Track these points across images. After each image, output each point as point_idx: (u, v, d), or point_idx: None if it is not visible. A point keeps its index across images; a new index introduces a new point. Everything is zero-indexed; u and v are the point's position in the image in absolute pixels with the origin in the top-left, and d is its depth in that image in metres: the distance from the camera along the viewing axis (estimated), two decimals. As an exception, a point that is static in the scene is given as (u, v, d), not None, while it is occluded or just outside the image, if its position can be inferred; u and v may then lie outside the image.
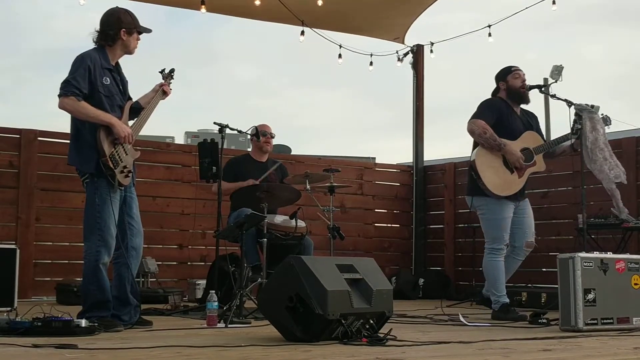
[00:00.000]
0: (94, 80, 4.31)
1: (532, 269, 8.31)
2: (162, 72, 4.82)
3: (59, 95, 4.26)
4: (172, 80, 4.82)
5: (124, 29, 4.45)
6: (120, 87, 4.51)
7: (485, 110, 5.53)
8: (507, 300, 5.48)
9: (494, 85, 5.71)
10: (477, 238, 8.54)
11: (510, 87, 5.59)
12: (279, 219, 6.04)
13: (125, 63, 4.61)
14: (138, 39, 4.55)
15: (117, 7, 4.54)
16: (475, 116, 5.51)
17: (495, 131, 5.44)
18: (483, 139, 5.44)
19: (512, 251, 5.59)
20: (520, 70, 5.62)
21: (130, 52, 4.56)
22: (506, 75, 5.61)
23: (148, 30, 4.59)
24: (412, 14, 9.10)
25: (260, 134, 6.28)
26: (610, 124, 5.43)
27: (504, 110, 5.56)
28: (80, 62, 4.31)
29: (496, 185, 5.43)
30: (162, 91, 4.74)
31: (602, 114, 5.38)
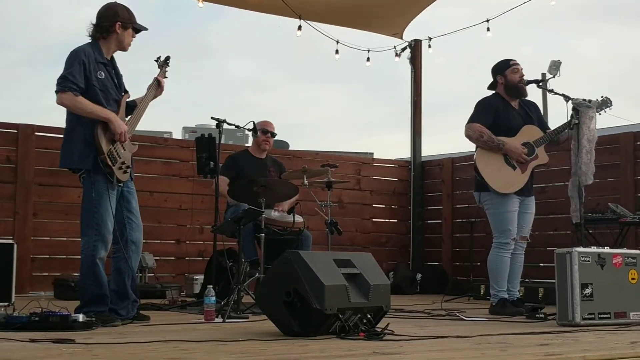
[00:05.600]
0: (88, 74, 4.30)
1: (529, 263, 8.30)
2: (157, 60, 4.80)
3: (57, 91, 4.26)
4: (167, 69, 4.79)
5: (119, 22, 4.44)
6: (115, 81, 4.51)
7: (480, 113, 5.56)
8: (506, 295, 5.50)
9: (491, 80, 5.71)
10: (475, 233, 8.56)
11: (508, 82, 5.59)
12: (276, 213, 6.04)
13: (120, 58, 4.62)
14: (133, 36, 4.55)
15: (115, 2, 4.54)
16: (471, 120, 5.54)
17: (493, 129, 5.46)
18: (481, 142, 5.48)
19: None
20: (518, 64, 5.62)
21: (123, 48, 4.54)
22: (505, 69, 5.61)
23: (144, 28, 4.59)
24: (413, 11, 9.09)
25: (261, 131, 6.27)
26: (612, 105, 5.42)
27: (500, 107, 5.57)
28: (75, 57, 4.30)
29: (500, 184, 5.46)
30: (156, 83, 4.71)
31: (602, 96, 5.38)
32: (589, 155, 5.32)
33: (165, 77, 4.76)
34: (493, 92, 5.70)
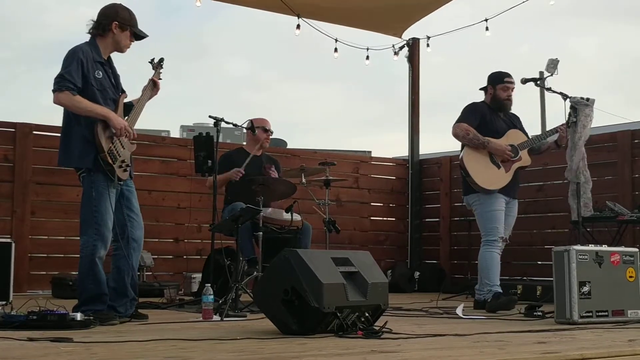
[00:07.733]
0: (86, 73, 4.29)
1: (527, 262, 8.35)
2: (151, 61, 4.79)
3: (54, 91, 4.25)
4: (161, 70, 4.78)
5: (116, 22, 4.42)
6: (113, 81, 4.50)
7: (467, 114, 5.73)
8: (500, 290, 5.61)
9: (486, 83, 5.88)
10: (473, 231, 8.56)
11: (495, 96, 5.77)
12: (269, 210, 6.03)
13: (117, 58, 4.60)
14: (131, 40, 4.52)
15: (119, 3, 4.52)
16: (459, 120, 5.71)
17: (479, 132, 5.66)
18: (467, 139, 5.67)
19: None
20: (511, 83, 5.78)
21: (120, 50, 4.52)
22: (497, 83, 5.78)
23: (144, 34, 4.54)
24: (413, 16, 9.11)
25: (262, 129, 6.29)
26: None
27: (486, 112, 5.76)
28: (73, 56, 4.29)
29: (485, 180, 5.64)
30: (152, 83, 4.70)
31: (581, 97, 5.44)
32: (573, 151, 5.38)
33: (160, 79, 4.75)
34: (483, 95, 5.88)
